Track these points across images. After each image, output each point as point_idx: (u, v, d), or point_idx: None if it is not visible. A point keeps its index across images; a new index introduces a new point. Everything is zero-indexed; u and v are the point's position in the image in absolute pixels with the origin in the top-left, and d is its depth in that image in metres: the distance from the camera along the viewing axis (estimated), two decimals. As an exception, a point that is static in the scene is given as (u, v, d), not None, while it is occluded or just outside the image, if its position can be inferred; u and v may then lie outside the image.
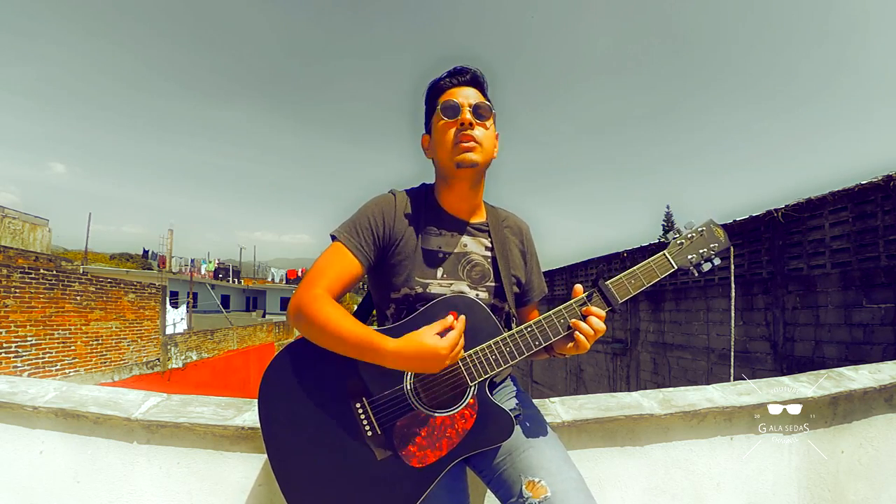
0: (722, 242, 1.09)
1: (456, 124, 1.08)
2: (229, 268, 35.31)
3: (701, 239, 1.08)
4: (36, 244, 16.65)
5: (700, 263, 1.07)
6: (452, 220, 1.15)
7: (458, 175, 1.10)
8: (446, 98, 1.10)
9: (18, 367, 7.43)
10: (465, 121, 1.07)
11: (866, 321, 4.68)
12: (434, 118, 1.12)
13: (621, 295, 1.02)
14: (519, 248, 1.21)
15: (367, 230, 1.07)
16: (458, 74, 1.12)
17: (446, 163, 1.09)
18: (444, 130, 1.09)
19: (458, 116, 1.08)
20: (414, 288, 1.07)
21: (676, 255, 1.06)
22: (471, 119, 1.07)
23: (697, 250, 1.07)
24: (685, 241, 1.08)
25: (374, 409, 0.98)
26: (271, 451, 0.99)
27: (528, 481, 0.95)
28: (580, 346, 1.01)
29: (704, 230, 1.08)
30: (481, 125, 1.09)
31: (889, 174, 4.49)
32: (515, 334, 1.01)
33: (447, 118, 1.08)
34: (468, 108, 1.08)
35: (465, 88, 1.12)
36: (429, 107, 1.16)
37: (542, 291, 1.26)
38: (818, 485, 1.46)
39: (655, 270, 1.05)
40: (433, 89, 1.14)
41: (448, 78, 1.13)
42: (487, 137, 1.10)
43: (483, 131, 1.09)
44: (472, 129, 1.08)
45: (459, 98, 1.09)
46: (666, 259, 1.06)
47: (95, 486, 1.25)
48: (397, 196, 1.13)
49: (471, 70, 1.13)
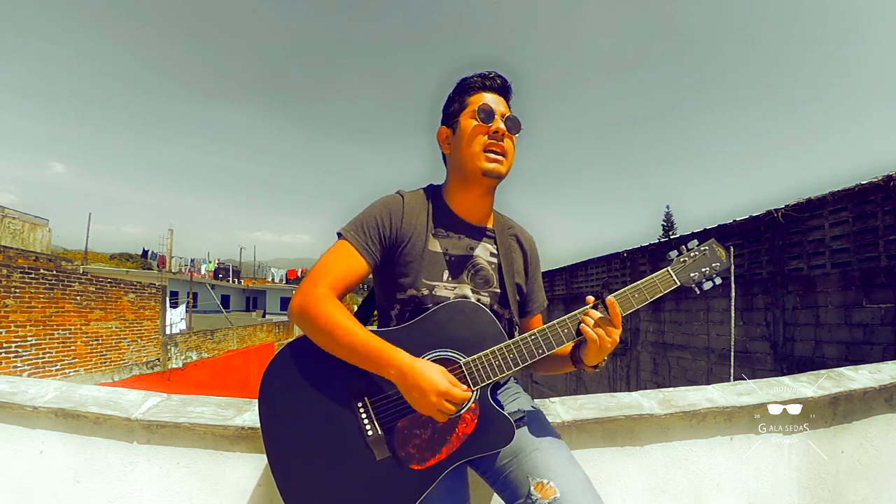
0: (723, 262, 1.10)
1: (488, 130, 1.08)
2: (229, 268, 35.30)
3: (703, 258, 1.09)
4: (36, 244, 16.65)
5: (702, 282, 1.09)
6: (460, 224, 1.14)
7: (479, 181, 1.10)
8: (481, 100, 1.10)
9: (18, 367, 7.43)
10: (500, 130, 1.08)
11: (866, 321, 4.68)
12: (462, 116, 1.12)
13: (625, 308, 1.02)
14: (522, 257, 1.21)
15: (374, 229, 1.07)
16: (492, 79, 1.13)
17: (469, 166, 1.09)
18: (475, 133, 1.09)
19: (492, 123, 1.08)
20: (420, 290, 1.07)
21: (679, 273, 1.07)
22: (504, 130, 1.08)
23: (700, 269, 1.09)
24: (688, 260, 1.09)
25: (375, 410, 0.98)
26: (270, 450, 0.99)
27: (536, 482, 0.95)
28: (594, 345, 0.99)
29: (707, 250, 1.10)
30: (510, 137, 1.10)
31: (889, 174, 4.49)
32: (520, 342, 1.00)
33: (480, 121, 1.08)
34: (501, 117, 1.09)
35: (495, 95, 1.12)
36: (456, 102, 1.15)
37: (541, 304, 1.26)
38: (818, 485, 1.46)
39: (659, 286, 1.05)
40: (463, 86, 1.14)
41: (481, 79, 1.13)
42: (511, 151, 1.11)
43: (509, 143, 1.10)
44: (503, 139, 1.08)
45: (493, 104, 1.10)
46: (669, 276, 1.07)
47: (95, 486, 1.25)
48: (405, 197, 1.13)
49: (504, 78, 1.14)
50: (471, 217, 1.15)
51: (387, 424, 0.97)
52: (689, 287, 1.09)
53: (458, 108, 1.13)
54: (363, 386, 0.99)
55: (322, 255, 1.07)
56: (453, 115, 1.14)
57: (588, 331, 0.98)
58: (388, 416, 0.98)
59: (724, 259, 1.11)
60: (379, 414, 0.98)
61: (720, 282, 1.11)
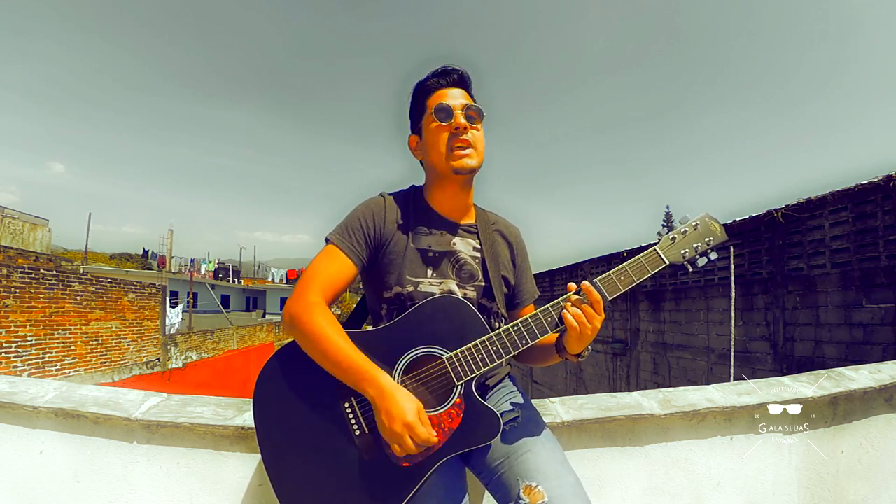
0: (717, 236, 1.05)
1: (450, 128, 1.08)
2: (229, 268, 35.30)
3: (695, 233, 1.05)
4: (36, 244, 16.65)
5: (694, 258, 1.04)
6: (442, 220, 1.15)
7: (453, 178, 1.11)
8: (437, 100, 1.10)
9: (18, 367, 7.43)
10: (460, 125, 1.08)
11: (866, 321, 4.68)
12: (425, 120, 1.13)
13: (610, 291, 0.99)
14: (508, 250, 1.22)
15: (359, 230, 1.08)
16: (445, 75, 1.13)
17: (441, 166, 1.10)
18: (438, 134, 1.09)
19: (452, 120, 1.08)
20: (405, 287, 1.08)
21: (668, 251, 1.03)
22: (465, 124, 1.08)
23: (691, 245, 1.04)
24: (678, 236, 1.04)
25: (362, 409, 0.99)
26: (265, 451, 1.00)
27: (525, 486, 0.94)
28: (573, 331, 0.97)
29: (699, 224, 1.05)
30: (474, 128, 1.10)
31: (889, 174, 4.49)
32: (502, 333, 1.00)
33: (440, 121, 1.09)
34: (460, 111, 1.09)
35: (452, 89, 1.12)
36: (416, 108, 1.16)
37: (532, 295, 1.25)
38: (818, 485, 1.46)
39: (646, 266, 1.01)
40: (420, 90, 1.15)
41: (435, 79, 1.13)
42: (480, 140, 1.11)
43: (475, 134, 1.10)
44: (465, 133, 1.08)
45: (450, 100, 1.10)
46: (657, 254, 1.02)
47: (95, 486, 1.25)
48: (387, 198, 1.15)
49: (457, 70, 1.13)
50: (451, 213, 1.16)
51: (373, 423, 0.97)
52: (680, 265, 1.04)
53: (419, 113, 1.15)
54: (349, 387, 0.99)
55: (311, 261, 1.08)
56: (417, 120, 1.16)
57: (569, 318, 0.96)
58: None
59: (718, 232, 1.05)
60: (365, 413, 0.98)
61: (715, 256, 1.04)
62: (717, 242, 1.06)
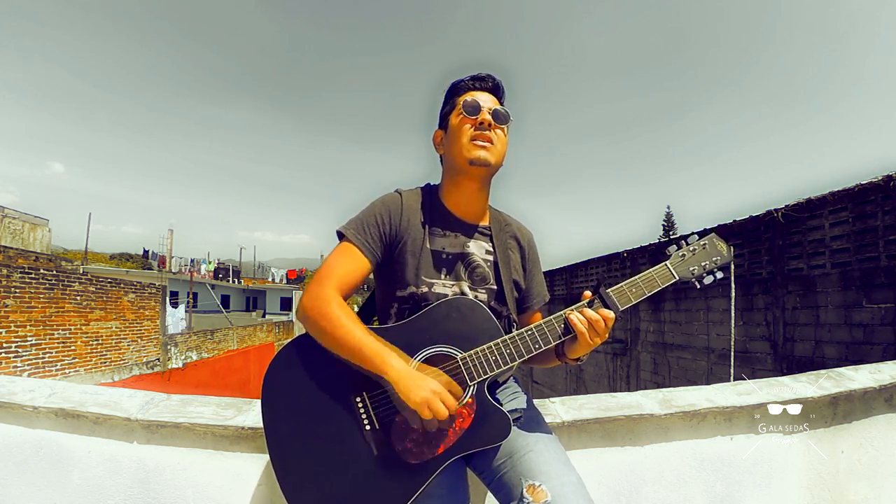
0: (724, 256, 1.09)
1: (474, 122, 1.10)
2: (229, 268, 35.30)
3: (703, 252, 1.09)
4: (36, 244, 16.65)
5: (702, 276, 1.08)
6: (456, 222, 1.16)
7: (469, 173, 1.11)
8: (467, 96, 1.12)
9: (18, 367, 7.43)
10: (485, 120, 1.09)
11: (866, 321, 4.68)
12: (452, 115, 1.14)
13: (622, 302, 1.02)
14: (520, 254, 1.22)
15: (375, 227, 1.09)
16: (481, 80, 1.15)
17: (459, 159, 1.11)
18: (461, 126, 1.11)
19: (478, 115, 1.10)
20: (419, 287, 1.08)
21: (678, 266, 1.07)
22: (490, 120, 1.09)
23: (699, 262, 1.08)
24: (687, 253, 1.08)
25: (373, 404, 0.99)
26: (271, 442, 1.00)
27: (528, 485, 0.95)
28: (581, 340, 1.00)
29: (707, 243, 1.09)
30: (499, 128, 1.11)
31: (889, 174, 4.49)
32: (516, 337, 1.01)
33: (466, 115, 1.10)
34: (488, 110, 1.11)
35: (485, 94, 1.14)
36: (447, 104, 1.18)
37: (542, 299, 1.25)
38: (818, 485, 1.46)
39: (657, 280, 1.05)
40: (454, 88, 1.17)
41: (471, 80, 1.15)
42: (502, 141, 1.12)
43: (499, 133, 1.11)
44: (489, 129, 1.09)
45: (480, 99, 1.12)
46: (668, 269, 1.06)
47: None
48: (404, 195, 1.15)
49: (494, 78, 1.16)
50: (466, 215, 1.16)
51: (384, 419, 0.98)
52: (688, 281, 1.08)
53: (448, 110, 1.16)
54: (361, 381, 0.99)
55: (327, 257, 1.09)
56: (445, 116, 1.17)
57: (580, 326, 0.99)
58: (386, 411, 0.98)
59: (725, 253, 1.10)
60: (377, 408, 0.98)
61: (721, 276, 1.09)
62: (724, 262, 1.09)
